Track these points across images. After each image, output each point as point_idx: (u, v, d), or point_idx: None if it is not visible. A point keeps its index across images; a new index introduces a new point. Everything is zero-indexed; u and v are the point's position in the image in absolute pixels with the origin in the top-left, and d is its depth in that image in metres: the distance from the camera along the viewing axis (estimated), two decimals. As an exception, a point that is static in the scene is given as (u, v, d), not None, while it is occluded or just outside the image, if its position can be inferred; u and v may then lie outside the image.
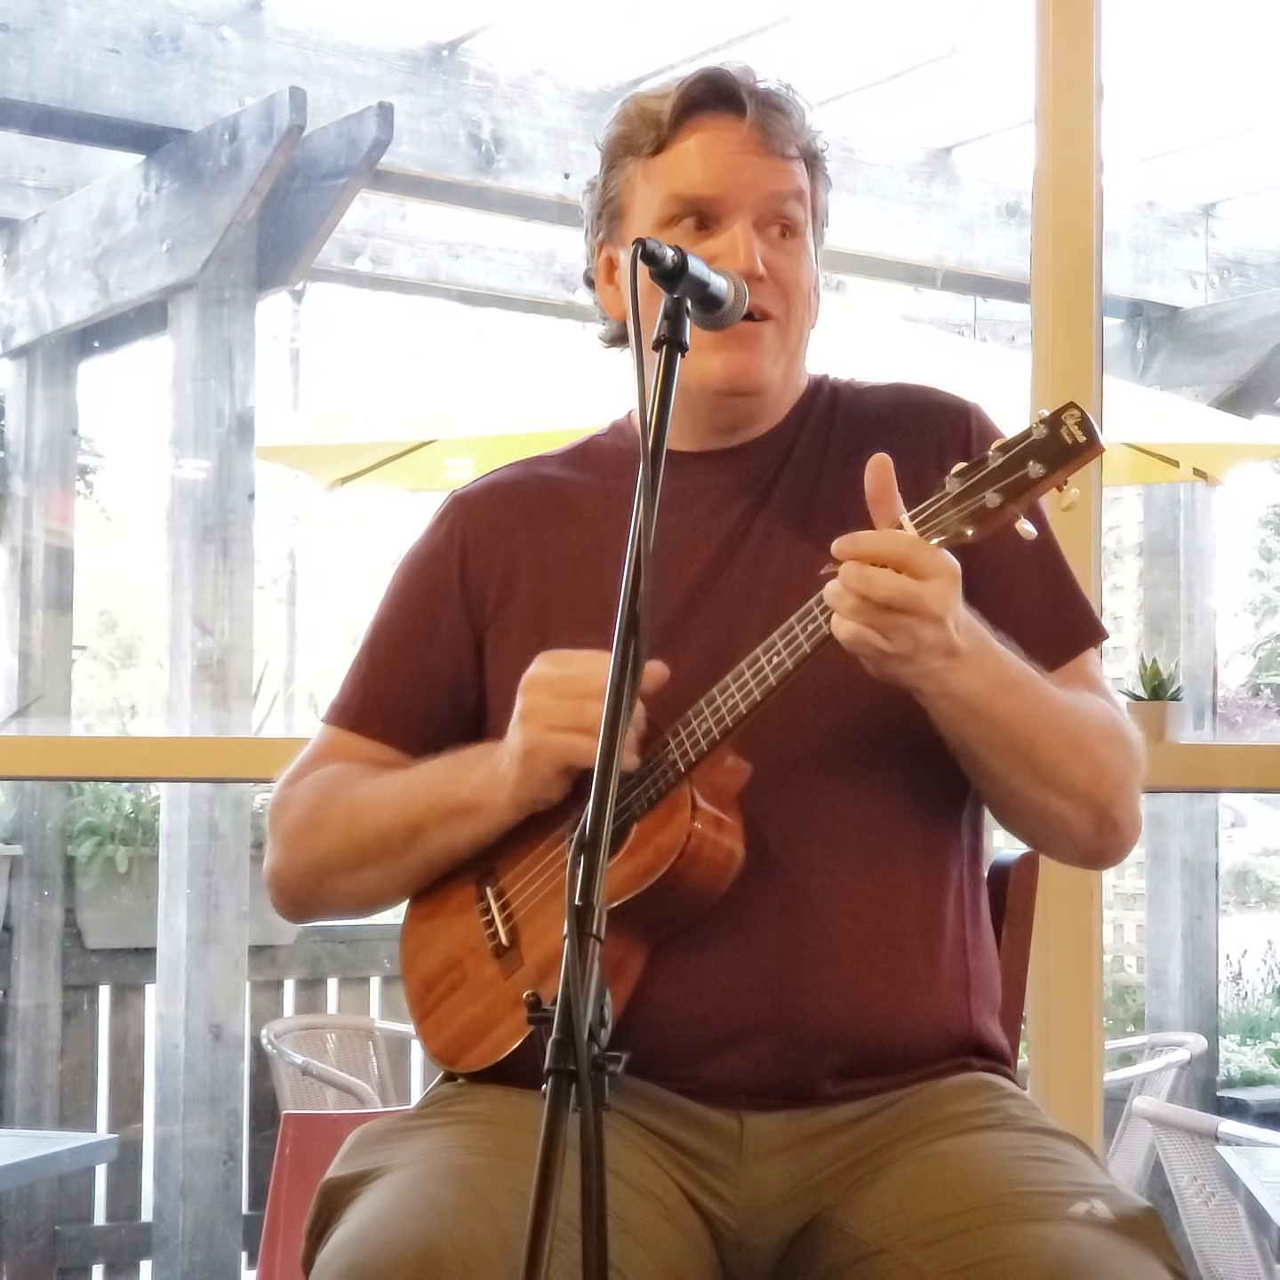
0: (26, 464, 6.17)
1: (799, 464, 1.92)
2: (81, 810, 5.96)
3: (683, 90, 1.86)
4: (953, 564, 1.65)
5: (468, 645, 1.95)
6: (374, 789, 1.91)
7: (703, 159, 1.85)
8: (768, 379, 1.88)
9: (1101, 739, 1.82)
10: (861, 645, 1.64)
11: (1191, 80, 5.81)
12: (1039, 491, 1.62)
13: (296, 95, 5.15)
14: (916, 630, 1.62)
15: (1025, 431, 1.62)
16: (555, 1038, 1.33)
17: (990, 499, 1.62)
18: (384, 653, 1.99)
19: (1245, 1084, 6.90)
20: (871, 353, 5.02)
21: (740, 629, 1.77)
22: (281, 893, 1.96)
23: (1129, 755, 1.84)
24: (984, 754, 1.76)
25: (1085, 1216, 1.59)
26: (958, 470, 1.64)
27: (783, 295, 1.86)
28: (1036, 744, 1.75)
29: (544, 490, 1.99)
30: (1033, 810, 1.81)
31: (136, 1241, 5.81)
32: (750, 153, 1.85)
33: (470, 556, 1.96)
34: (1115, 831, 1.83)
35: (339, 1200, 1.66)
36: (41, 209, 5.97)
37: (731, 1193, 1.76)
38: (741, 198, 1.84)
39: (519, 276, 6.42)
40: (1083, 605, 1.94)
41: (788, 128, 1.86)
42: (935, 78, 5.83)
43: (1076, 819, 1.80)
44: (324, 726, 2.01)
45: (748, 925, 1.76)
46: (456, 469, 5.59)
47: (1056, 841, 1.86)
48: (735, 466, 1.92)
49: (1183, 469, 5.81)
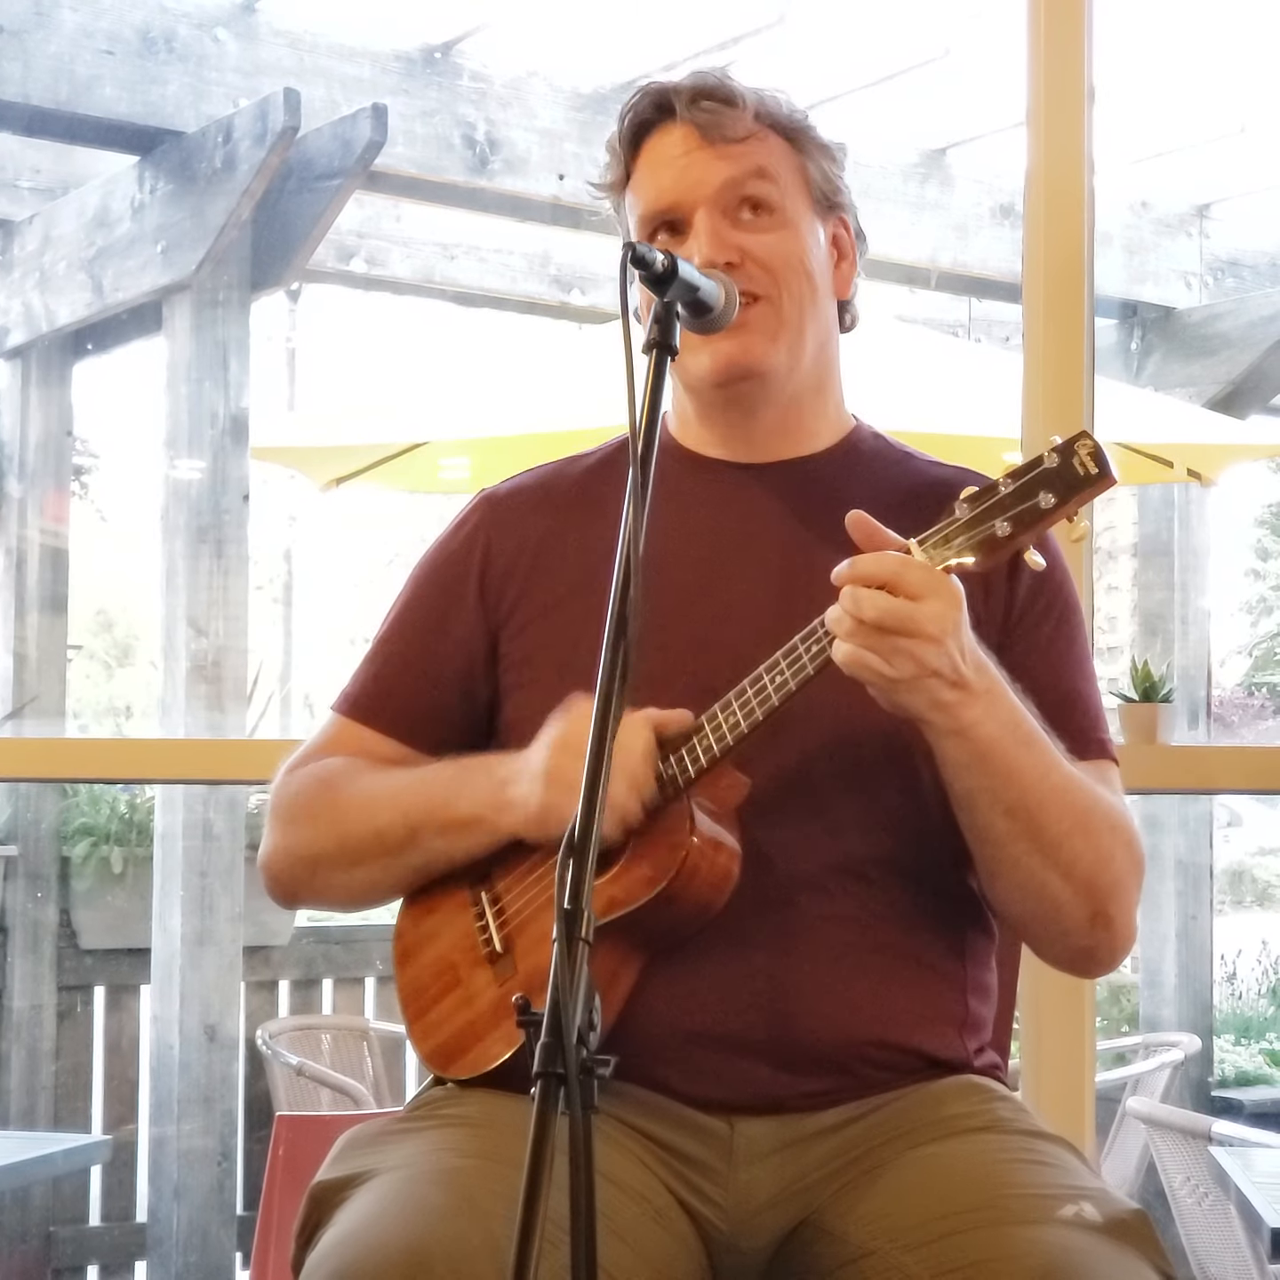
0: (21, 465, 6.17)
1: (845, 502, 1.79)
2: (76, 811, 5.96)
3: (625, 116, 1.91)
4: (953, 587, 1.63)
5: (482, 644, 1.94)
6: (376, 786, 1.90)
7: (653, 173, 1.88)
8: (767, 358, 1.86)
9: (1109, 828, 1.76)
10: (860, 669, 1.62)
11: (1185, 81, 5.82)
12: (1049, 523, 1.60)
13: (291, 97, 5.14)
14: (915, 652, 1.60)
15: (1036, 459, 1.61)
16: (544, 1041, 1.33)
17: (1000, 528, 1.61)
18: (397, 647, 1.99)
19: (1239, 1084, 6.90)
20: (866, 354, 5.02)
21: (752, 643, 1.74)
22: (276, 879, 1.96)
23: (1133, 856, 1.78)
24: (988, 809, 1.70)
25: (1074, 1219, 1.59)
26: (967, 496, 1.63)
27: (767, 273, 1.85)
28: (1045, 810, 1.70)
29: (572, 491, 1.98)
30: (1028, 886, 1.74)
31: (131, 1242, 5.81)
32: (692, 150, 1.86)
33: (492, 556, 1.96)
34: (1109, 929, 1.77)
35: (328, 1203, 1.66)
36: (36, 210, 5.97)
37: (721, 1195, 1.76)
38: (694, 196, 1.85)
39: (514, 277, 6.42)
40: (1097, 719, 1.87)
41: (728, 114, 1.86)
42: (929, 79, 5.83)
43: (1071, 904, 1.74)
44: (332, 715, 2.00)
45: (741, 944, 1.75)
46: (452, 469, 5.60)
47: (1045, 928, 1.79)
48: (771, 482, 1.91)
49: (1177, 469, 5.81)
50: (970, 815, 1.73)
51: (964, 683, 1.63)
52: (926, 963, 1.81)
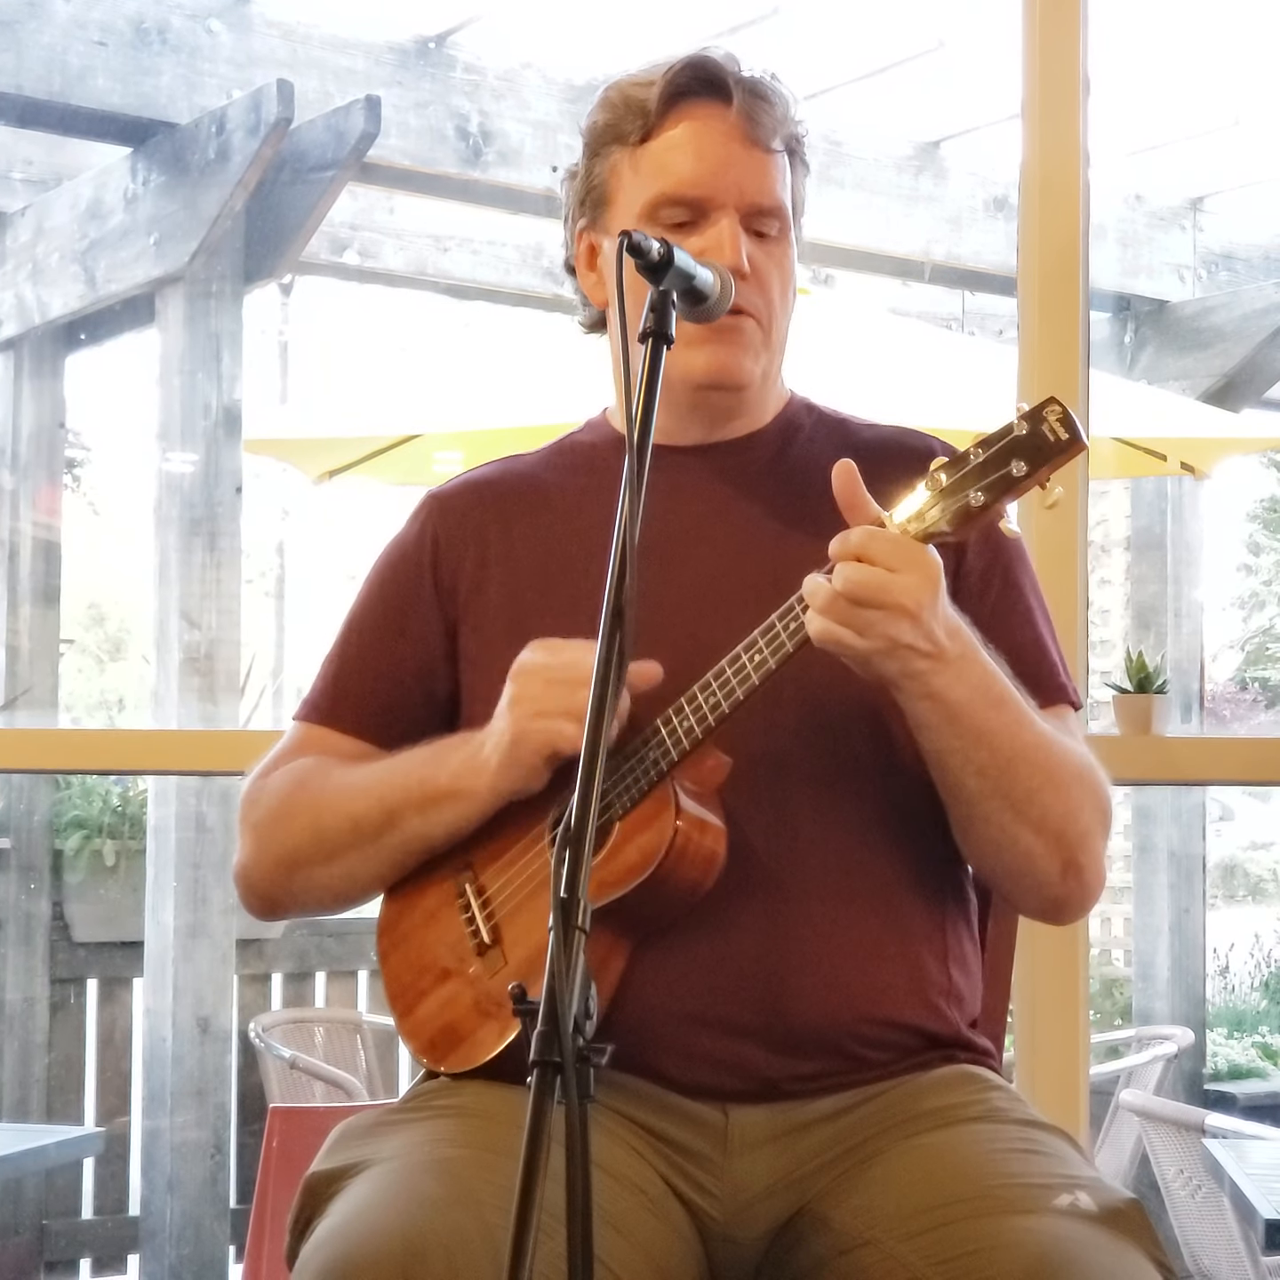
0: (13, 457, 6.16)
1: (787, 473, 1.91)
2: (69, 804, 5.96)
3: (669, 77, 1.84)
4: (930, 559, 1.63)
5: (439, 640, 1.94)
6: (348, 777, 1.89)
7: (691, 150, 1.84)
8: (749, 375, 1.87)
9: (1077, 779, 1.78)
10: (834, 643, 1.63)
11: (1179, 74, 5.82)
12: (1022, 490, 1.60)
13: (284, 88, 5.14)
14: (888, 627, 1.61)
15: (1006, 428, 1.61)
16: (540, 1030, 1.32)
17: (974, 498, 1.61)
18: (355, 648, 1.99)
19: (1232, 1077, 6.91)
20: (859, 346, 5.02)
21: (718, 625, 1.75)
22: (252, 889, 1.94)
23: (1100, 805, 1.81)
24: (959, 769, 1.72)
25: (1070, 1208, 1.59)
26: (938, 466, 1.64)
27: (764, 294, 1.86)
28: (1015, 768, 1.72)
29: (518, 487, 1.98)
30: (1000, 840, 1.76)
31: (124, 1235, 5.81)
32: (736, 143, 1.84)
33: (442, 552, 1.96)
34: (1079, 879, 1.79)
35: (323, 1194, 1.66)
36: (28, 202, 5.96)
37: (716, 1185, 1.76)
38: (728, 195, 1.83)
39: (507, 269, 6.42)
40: (1052, 666, 1.89)
41: (774, 118, 1.85)
42: (923, 71, 5.83)
43: (1043, 857, 1.77)
44: (295, 723, 2.00)
45: (729, 927, 1.75)
46: (445, 462, 5.59)
47: (1017, 880, 1.81)
48: (715, 464, 1.92)
49: (1170, 463, 5.81)
50: (942, 774, 1.74)
51: (938, 653, 1.65)
52: (911, 935, 1.81)
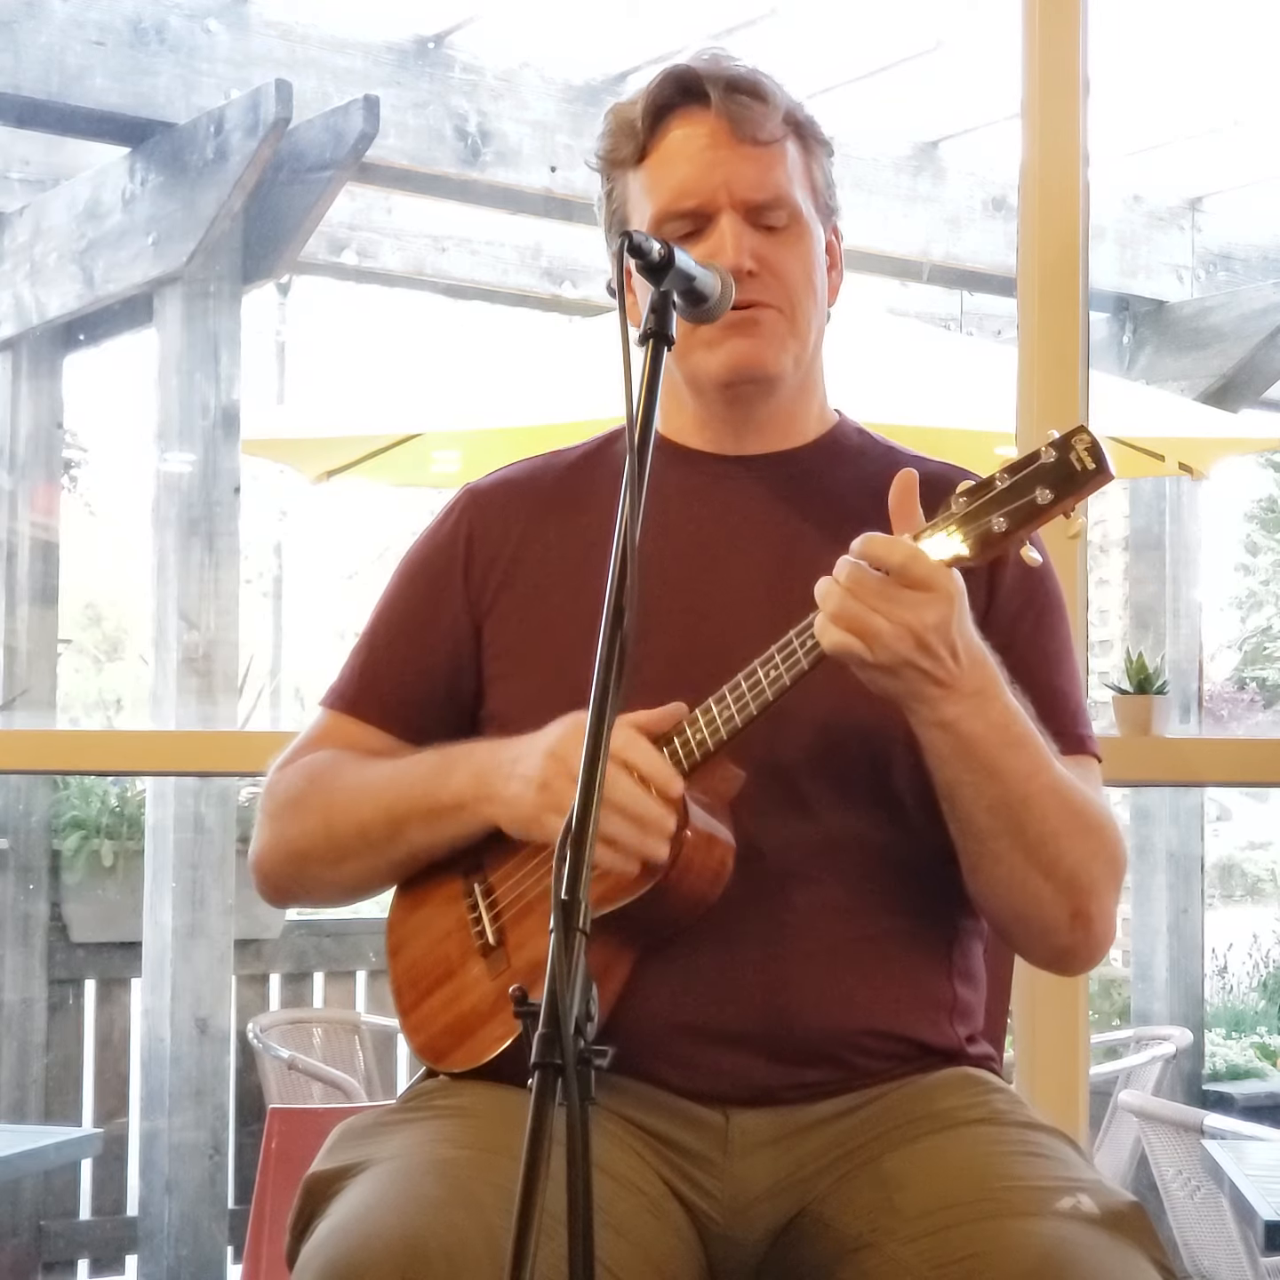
0: (11, 457, 6.15)
1: (831, 494, 1.88)
2: (67, 804, 5.95)
3: (650, 94, 1.86)
4: (950, 582, 1.62)
5: (467, 635, 1.94)
6: (359, 779, 1.90)
7: (678, 162, 1.85)
8: (776, 363, 1.86)
9: (1094, 830, 1.76)
10: (844, 653, 1.62)
11: (1178, 74, 5.81)
12: (1046, 518, 1.59)
13: (282, 88, 5.13)
14: (895, 642, 1.60)
15: (1033, 454, 1.59)
16: (542, 1031, 1.32)
17: (996, 523, 1.60)
18: (384, 640, 1.99)
19: (1231, 1078, 6.91)
20: (858, 347, 5.02)
21: (749, 638, 1.73)
22: (266, 877, 1.96)
23: (1114, 856, 1.79)
24: (970, 803, 1.70)
25: (1071, 1211, 1.59)
26: (964, 490, 1.63)
27: (781, 285, 1.85)
28: (1029, 810, 1.70)
29: (556, 484, 1.98)
30: (1010, 882, 1.74)
31: (122, 1236, 5.80)
32: (722, 145, 1.84)
33: (475, 547, 1.96)
34: (1087, 929, 1.78)
35: (323, 1194, 1.66)
36: (26, 202, 5.95)
37: (717, 1187, 1.75)
38: (720, 197, 1.83)
39: (505, 270, 6.41)
40: (1076, 714, 1.87)
41: (760, 112, 1.84)
42: (922, 71, 5.82)
43: (1052, 904, 1.75)
44: (321, 710, 2.01)
45: (733, 936, 1.75)
46: (443, 462, 5.59)
47: (1026, 926, 1.79)
48: (758, 474, 1.91)
49: (1168, 463, 5.81)
50: (951, 806, 1.73)
51: (949, 680, 1.63)
52: (915, 949, 1.81)
